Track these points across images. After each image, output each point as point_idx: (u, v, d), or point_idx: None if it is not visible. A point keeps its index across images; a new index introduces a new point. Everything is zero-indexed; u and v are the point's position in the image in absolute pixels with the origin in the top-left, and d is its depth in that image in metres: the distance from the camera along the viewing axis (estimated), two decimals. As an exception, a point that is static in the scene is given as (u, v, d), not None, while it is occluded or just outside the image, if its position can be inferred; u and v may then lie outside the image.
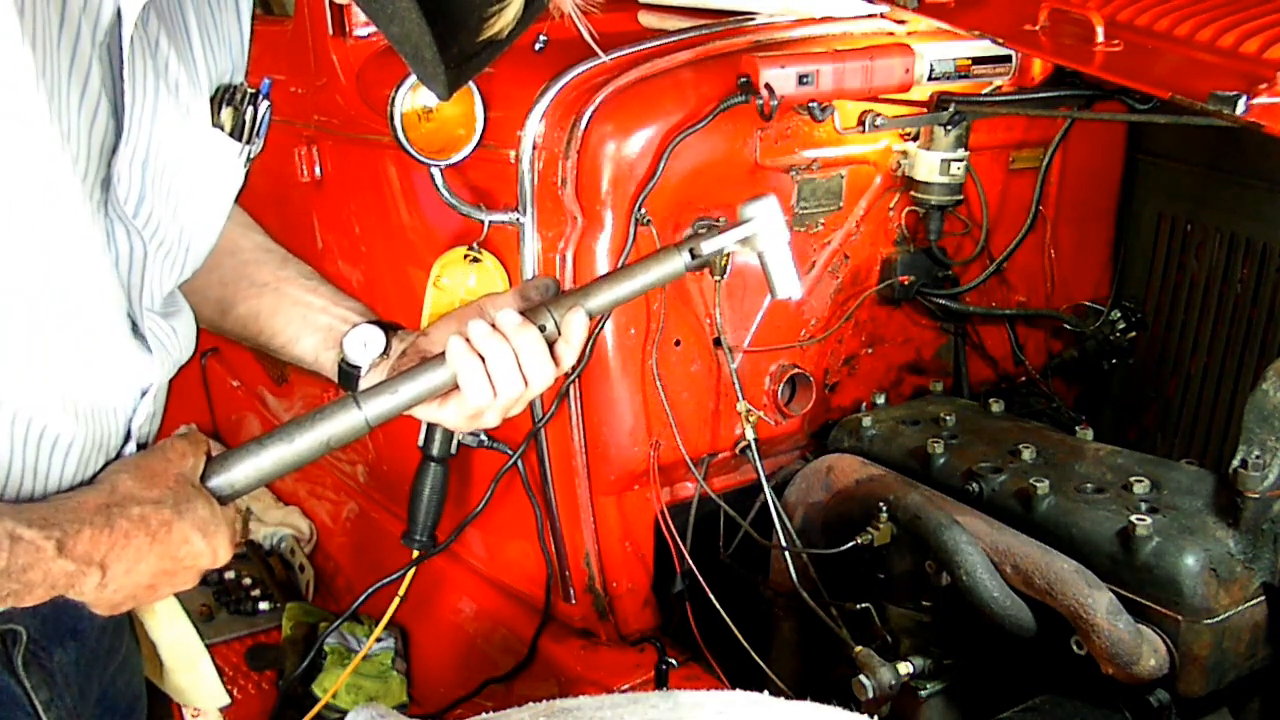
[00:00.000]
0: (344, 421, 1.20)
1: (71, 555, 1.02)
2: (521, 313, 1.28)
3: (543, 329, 1.28)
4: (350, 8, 2.44)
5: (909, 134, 2.18)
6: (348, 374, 1.35)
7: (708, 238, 1.33)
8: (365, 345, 1.35)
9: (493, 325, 1.26)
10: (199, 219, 1.20)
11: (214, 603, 2.83)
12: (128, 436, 1.19)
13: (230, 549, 1.15)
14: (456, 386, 1.27)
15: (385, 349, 1.36)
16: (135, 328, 1.14)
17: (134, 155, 1.08)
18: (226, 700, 1.49)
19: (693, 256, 1.32)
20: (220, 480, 1.18)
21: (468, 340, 1.25)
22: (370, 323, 1.38)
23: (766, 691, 1.28)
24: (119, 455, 1.18)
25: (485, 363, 1.25)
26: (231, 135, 1.21)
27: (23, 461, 1.07)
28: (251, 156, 1.25)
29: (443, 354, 1.25)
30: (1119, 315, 2.40)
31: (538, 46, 2.00)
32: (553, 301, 1.29)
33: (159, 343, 1.17)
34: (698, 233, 1.32)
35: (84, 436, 1.11)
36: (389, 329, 1.38)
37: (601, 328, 2.00)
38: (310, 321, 1.39)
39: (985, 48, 2.09)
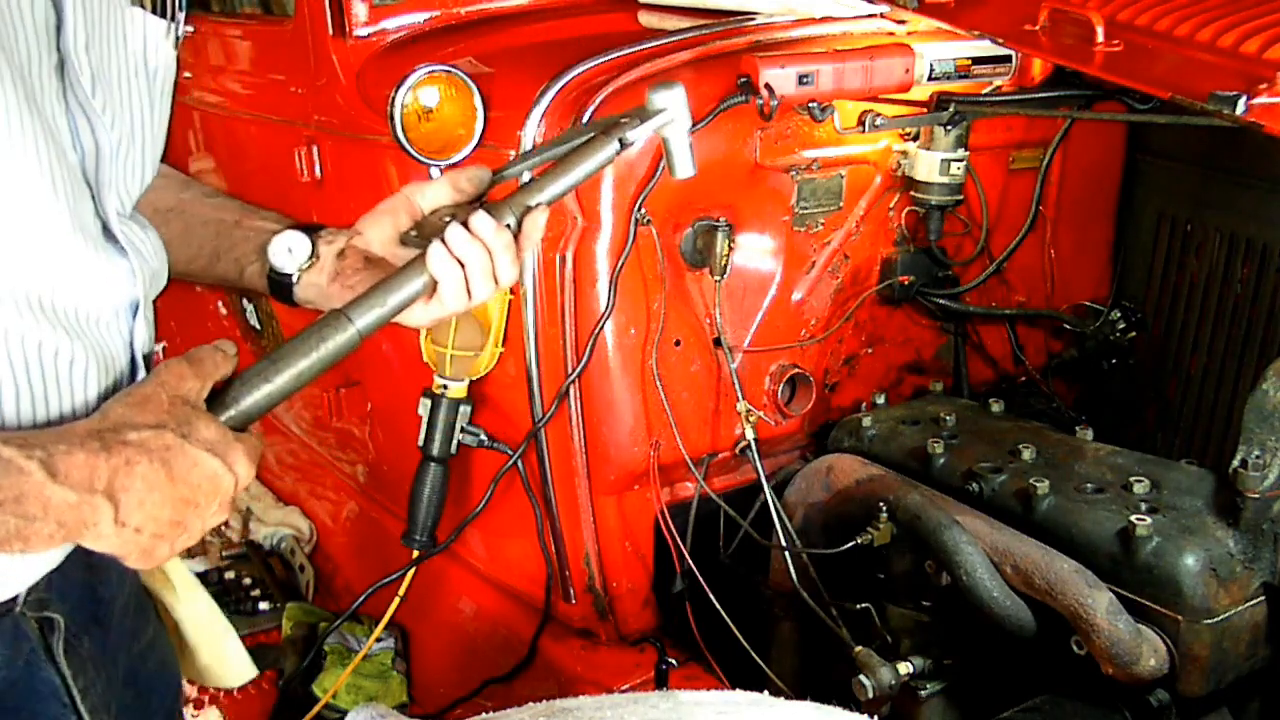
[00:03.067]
0: (338, 338, 1.17)
1: (67, 481, 0.95)
2: (488, 212, 1.26)
3: (508, 228, 1.27)
4: (350, 7, 2.45)
5: (909, 134, 2.18)
6: (278, 283, 1.30)
7: (630, 127, 1.33)
8: (290, 251, 1.29)
9: (468, 230, 1.23)
10: (147, 110, 1.16)
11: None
12: (133, 363, 1.14)
13: (250, 466, 1.06)
14: (432, 291, 1.25)
15: (313, 252, 1.30)
16: (106, 229, 1.09)
17: (77, 36, 1.04)
18: (254, 673, 1.46)
19: (621, 145, 1.33)
20: (227, 410, 1.13)
21: (447, 247, 1.22)
22: (290, 228, 1.33)
23: (766, 691, 1.28)
24: (130, 383, 1.13)
25: (465, 269, 1.23)
26: (153, 13, 1.16)
27: (29, 387, 1.03)
28: (179, 37, 1.19)
29: (420, 259, 1.23)
30: (1119, 315, 2.40)
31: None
32: (511, 199, 1.27)
33: (134, 248, 1.13)
34: (620, 121, 1.34)
35: (84, 355, 1.07)
36: (311, 231, 1.33)
37: (601, 328, 2.00)
38: (225, 238, 1.33)
39: (985, 48, 2.09)
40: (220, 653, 1.42)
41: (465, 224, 1.23)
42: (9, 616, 1.09)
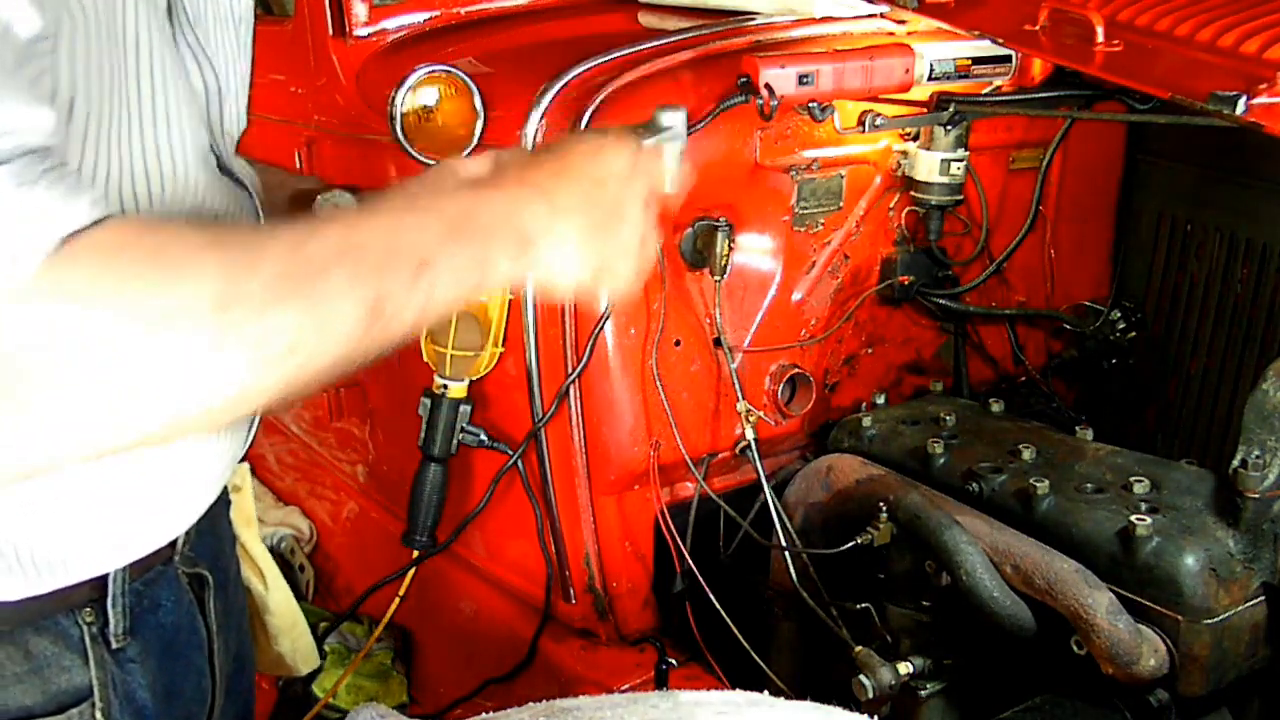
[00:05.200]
0: None
1: (496, 182, 0.99)
2: None
3: None
4: (350, 7, 2.45)
5: (909, 134, 2.17)
6: None
7: (644, 137, 1.43)
8: (337, 207, 1.39)
9: None
10: (235, 58, 1.21)
11: (214, 603, 2.82)
12: None
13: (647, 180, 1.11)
14: None
15: None
16: (221, 163, 1.14)
17: None
18: (319, 661, 1.61)
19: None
20: None
21: None
22: (334, 188, 1.44)
23: (766, 691, 1.28)
24: None
25: None
26: None
27: None
28: None
29: None
30: (1119, 315, 2.40)
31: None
32: None
33: (248, 178, 1.19)
34: (636, 129, 1.44)
35: None
36: (354, 191, 1.43)
37: (601, 328, 2.00)
38: (272, 199, 1.41)
39: (985, 48, 2.09)
40: (297, 640, 1.51)
41: None
42: (170, 566, 1.16)
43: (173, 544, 1.14)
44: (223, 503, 1.33)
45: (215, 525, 1.26)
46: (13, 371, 0.74)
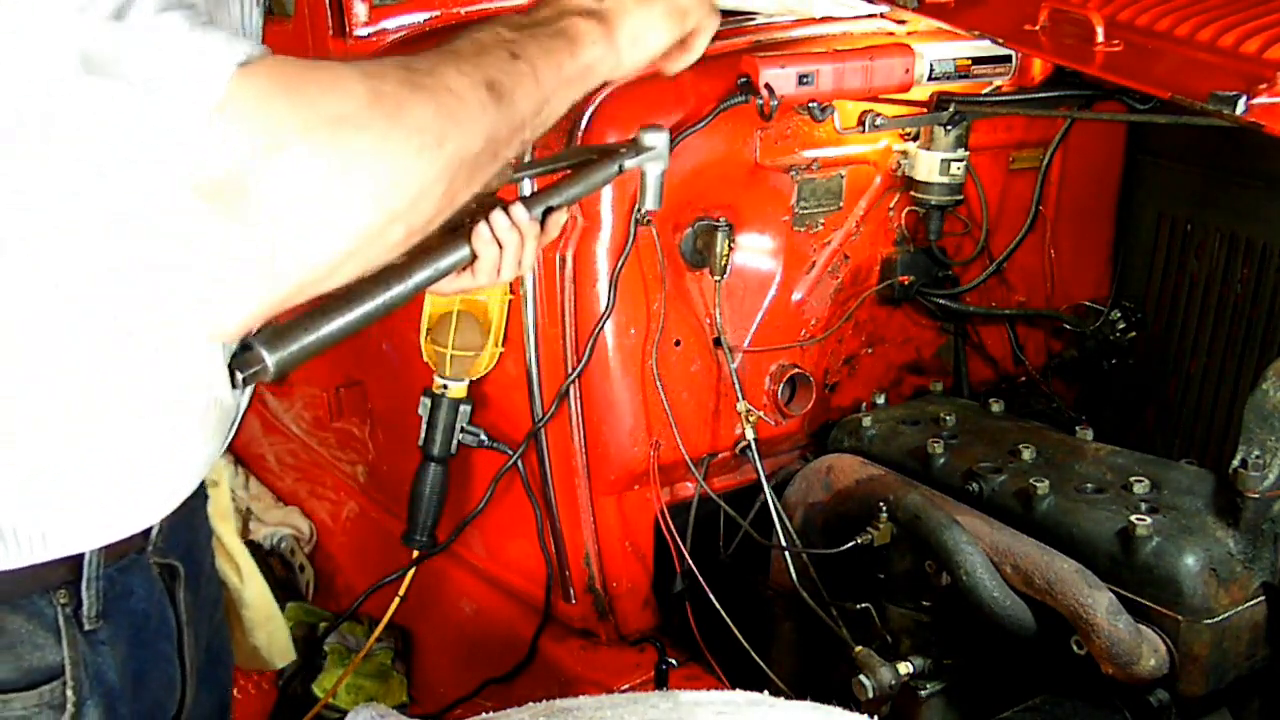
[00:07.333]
0: (399, 287, 1.27)
1: None
2: (524, 205, 1.39)
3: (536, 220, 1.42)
4: (350, 7, 2.45)
5: (909, 134, 2.17)
6: None
7: (627, 156, 1.52)
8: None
9: (509, 217, 1.37)
10: None
11: (214, 603, 2.82)
12: None
13: None
14: (465, 266, 1.37)
15: None
16: None
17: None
18: (294, 655, 1.51)
19: (619, 170, 1.50)
20: (288, 344, 1.19)
21: (490, 228, 1.35)
22: None
23: (766, 691, 1.28)
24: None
25: (502, 250, 1.36)
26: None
27: None
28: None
29: (461, 235, 1.34)
30: (1119, 315, 2.40)
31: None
32: (535, 198, 1.40)
33: None
34: (620, 150, 1.50)
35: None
36: None
37: (601, 328, 2.00)
38: None
39: (985, 48, 2.09)
40: (273, 634, 1.51)
41: (506, 211, 1.36)
42: (142, 556, 1.19)
43: (146, 534, 1.18)
44: (200, 497, 1.35)
45: (191, 519, 1.29)
46: (229, 194, 0.87)
